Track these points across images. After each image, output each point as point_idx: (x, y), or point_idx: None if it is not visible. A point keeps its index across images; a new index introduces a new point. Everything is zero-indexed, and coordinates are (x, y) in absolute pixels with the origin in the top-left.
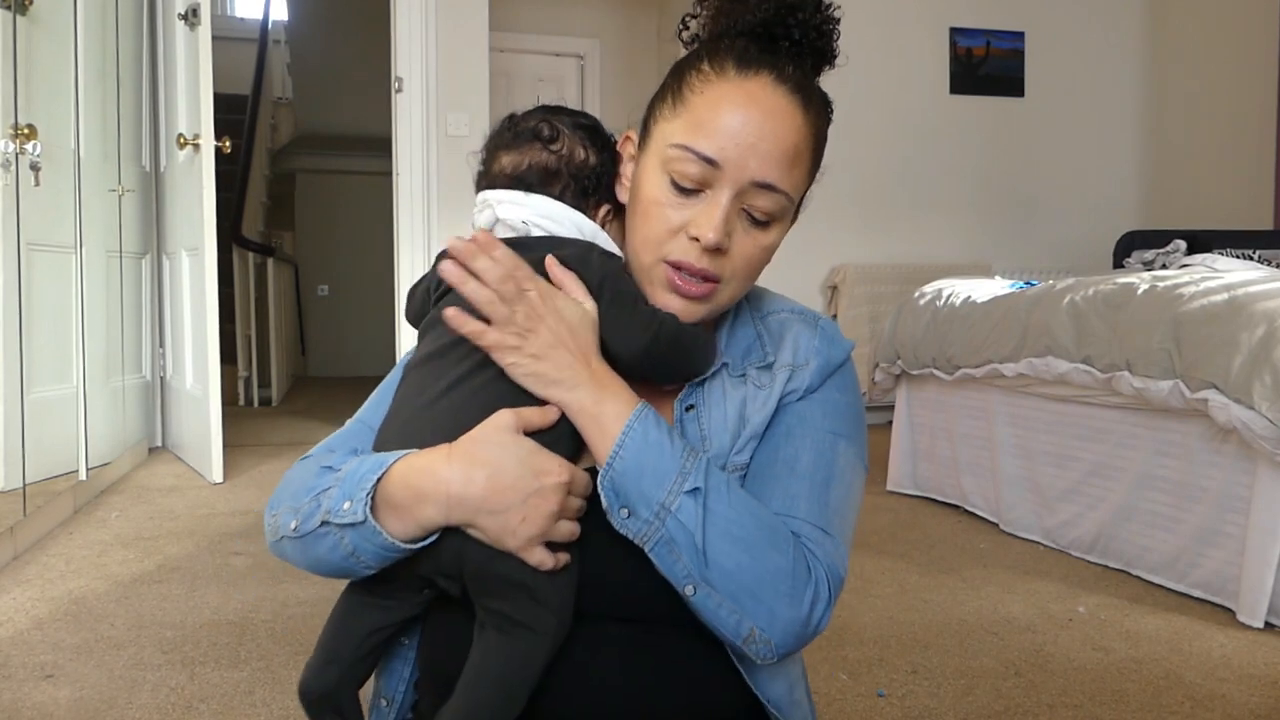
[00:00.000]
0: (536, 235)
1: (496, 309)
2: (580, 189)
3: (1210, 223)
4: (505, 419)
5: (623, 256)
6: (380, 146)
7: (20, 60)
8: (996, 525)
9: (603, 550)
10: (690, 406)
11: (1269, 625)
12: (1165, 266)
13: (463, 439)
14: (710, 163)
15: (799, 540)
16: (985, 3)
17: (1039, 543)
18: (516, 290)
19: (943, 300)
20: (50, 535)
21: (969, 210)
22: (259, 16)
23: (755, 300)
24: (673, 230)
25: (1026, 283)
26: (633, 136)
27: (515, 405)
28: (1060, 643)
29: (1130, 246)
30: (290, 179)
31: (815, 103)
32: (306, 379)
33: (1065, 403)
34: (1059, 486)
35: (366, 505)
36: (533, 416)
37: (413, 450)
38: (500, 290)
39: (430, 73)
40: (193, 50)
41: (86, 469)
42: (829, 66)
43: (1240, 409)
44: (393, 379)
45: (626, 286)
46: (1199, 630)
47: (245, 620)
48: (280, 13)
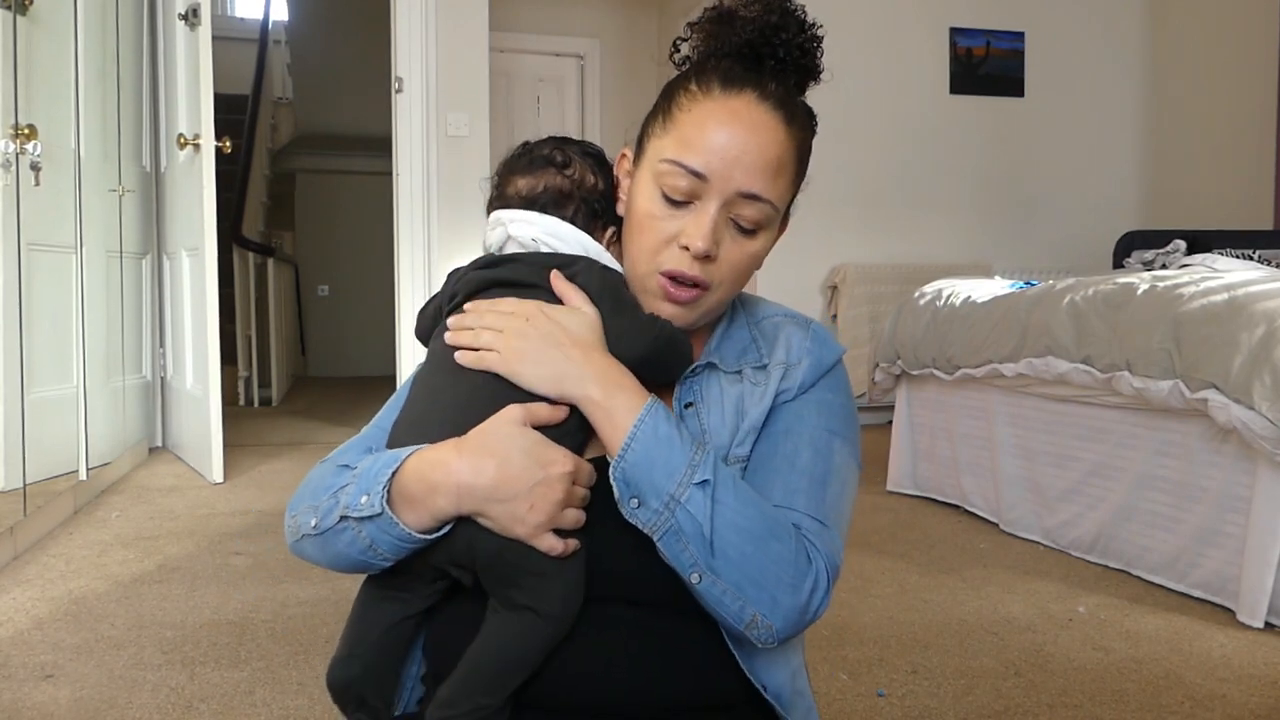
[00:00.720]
0: (545, 252)
1: (485, 338)
2: (590, 211)
3: (1210, 223)
4: (513, 412)
5: (623, 271)
6: (380, 146)
7: (20, 60)
8: (996, 525)
9: (610, 538)
10: (689, 404)
11: (1269, 625)
12: (1165, 266)
13: (472, 432)
14: (698, 176)
15: (799, 531)
16: (985, 3)
17: (1039, 543)
18: (499, 316)
19: (943, 300)
20: (50, 535)
21: (969, 210)
22: (259, 16)
23: (749, 306)
24: (665, 240)
25: (1026, 283)
26: (628, 154)
27: (522, 400)
28: (1060, 643)
29: (1130, 246)
30: (290, 179)
31: (799, 118)
32: (306, 379)
33: (1065, 403)
34: (1059, 486)
35: (383, 498)
36: (541, 412)
37: (425, 445)
38: (485, 324)
39: (430, 73)
40: (193, 50)
41: (87, 469)
42: (815, 82)
43: (1240, 409)
44: (406, 386)
45: (625, 296)
46: (1199, 630)
47: (245, 620)
48: (280, 13)
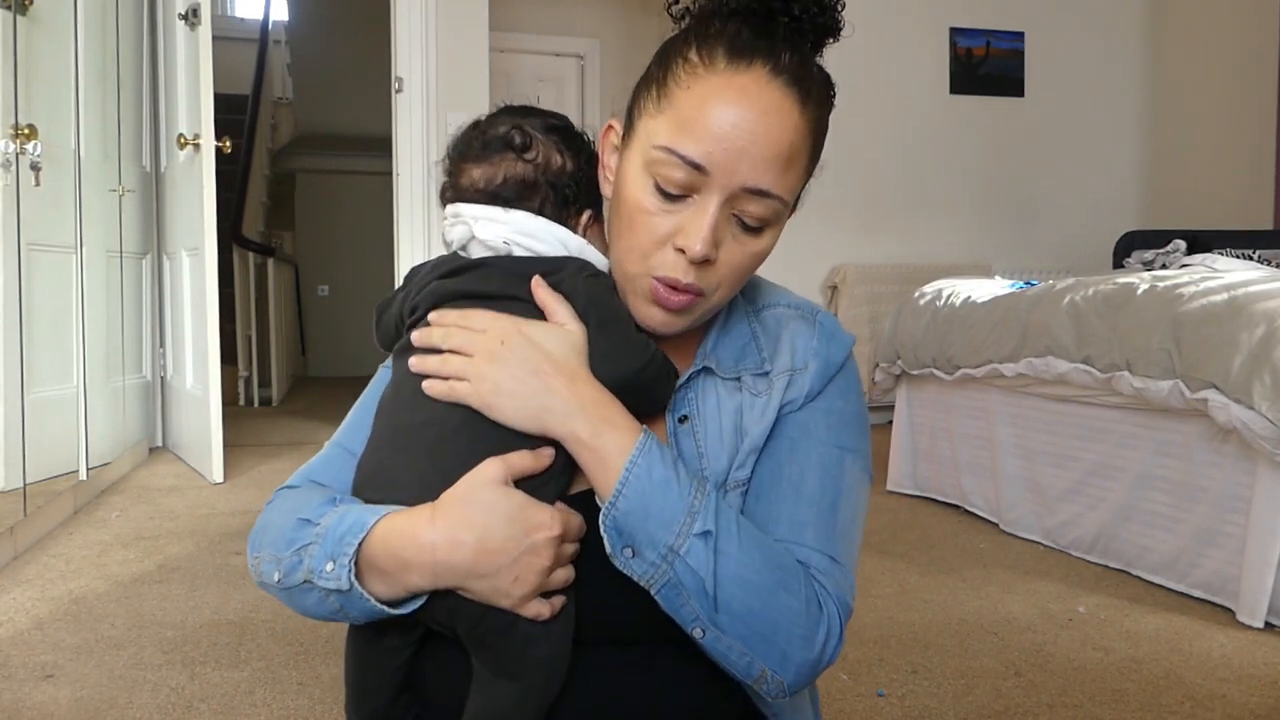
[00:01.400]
0: (519, 255)
1: (454, 364)
2: (560, 199)
3: (1210, 223)
4: (491, 471)
5: (603, 265)
6: (380, 146)
7: (20, 60)
8: (996, 525)
9: (597, 578)
10: (684, 418)
11: (1269, 625)
12: (1165, 266)
13: (447, 496)
14: (697, 168)
15: (809, 573)
16: (985, 3)
17: (1039, 543)
18: (469, 336)
19: (943, 300)
20: (50, 535)
21: (969, 210)
22: (259, 16)
23: (750, 292)
24: (658, 241)
25: (1026, 283)
26: (616, 126)
27: (500, 445)
28: (1060, 643)
29: (1130, 246)
30: (290, 179)
31: (815, 92)
32: (306, 379)
33: (1065, 403)
34: (1059, 486)
35: (350, 571)
36: (523, 462)
37: (395, 507)
38: (454, 344)
39: (430, 73)
40: (193, 50)
41: (87, 469)
42: (833, 40)
43: (1240, 409)
44: (370, 397)
45: (616, 309)
46: (1199, 630)
47: (245, 620)
48: (280, 13)
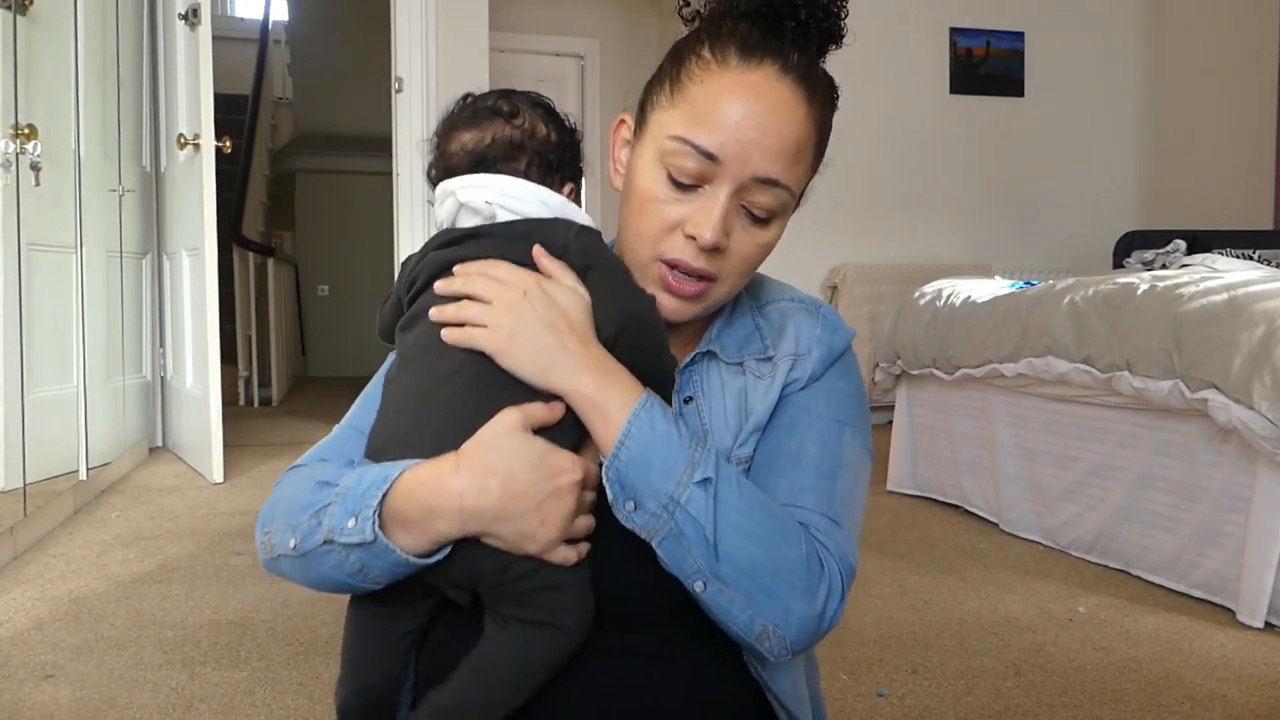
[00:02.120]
0: (504, 219)
1: (472, 311)
2: (544, 164)
3: (1210, 223)
4: (511, 419)
5: (597, 229)
6: (380, 146)
7: (20, 60)
8: (996, 525)
9: (599, 551)
10: (689, 399)
11: (1269, 625)
12: (1165, 266)
13: (469, 444)
14: (710, 157)
15: (809, 532)
16: (985, 3)
17: (1039, 543)
18: (491, 284)
19: (943, 300)
20: (50, 535)
21: (969, 210)
22: (259, 16)
23: (753, 289)
24: (669, 227)
25: (1026, 283)
26: (628, 120)
27: (513, 400)
28: (1060, 643)
29: (1130, 246)
30: (290, 179)
31: (820, 92)
32: (306, 379)
33: (1065, 403)
34: (1059, 486)
35: (374, 523)
36: (539, 412)
37: (417, 461)
38: (473, 291)
39: (430, 73)
40: (193, 50)
41: (87, 469)
42: (836, 46)
43: (1240, 409)
44: (378, 381)
45: (610, 257)
46: (1199, 630)
47: (245, 620)
48: (280, 13)
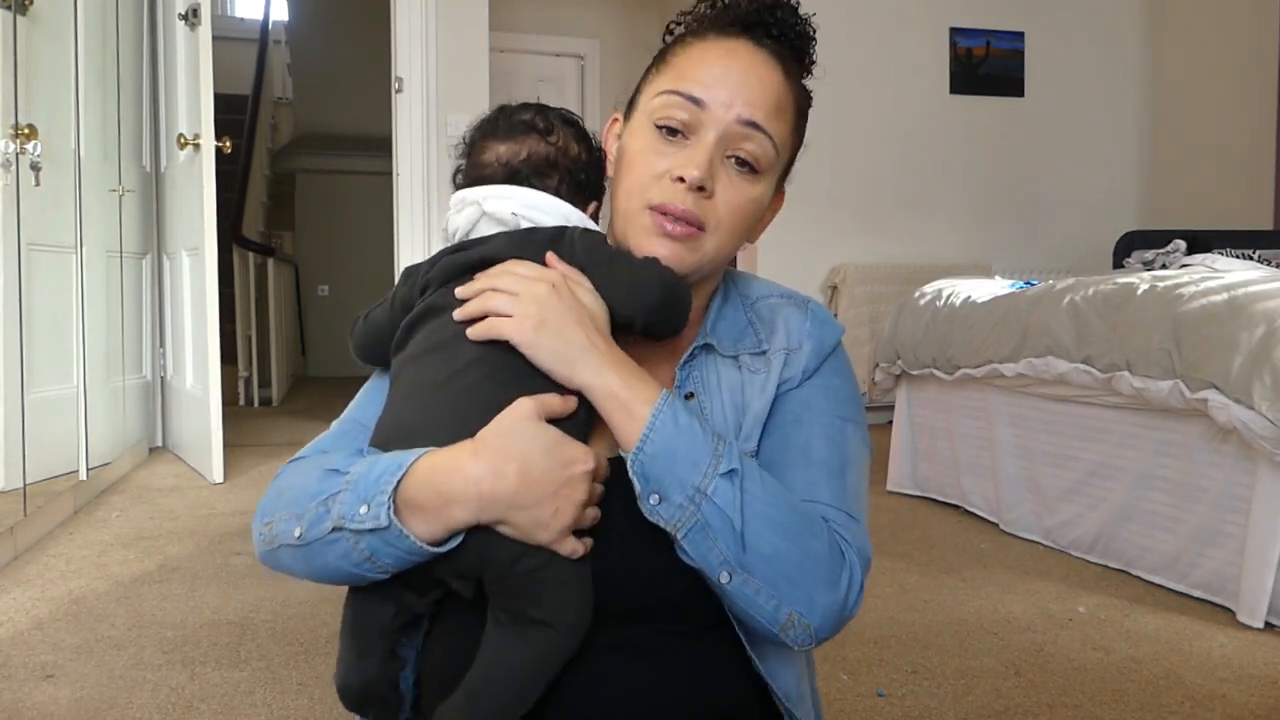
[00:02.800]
0: (526, 227)
1: (497, 301)
2: (574, 183)
3: (1210, 223)
4: (527, 407)
5: (603, 232)
6: (380, 146)
7: (20, 60)
8: (996, 525)
9: (604, 544)
10: (690, 395)
11: (1269, 625)
12: (1165, 266)
13: (485, 432)
14: (696, 102)
15: (829, 525)
16: (985, 3)
17: (1039, 543)
18: (517, 279)
19: (943, 300)
20: (50, 535)
21: (969, 210)
22: (259, 16)
23: (743, 285)
24: (657, 175)
25: (1026, 283)
26: (619, 118)
27: (526, 393)
28: (1060, 643)
29: (1130, 246)
30: (290, 179)
31: (794, 74)
32: (306, 379)
33: (1065, 403)
34: (1059, 486)
35: (389, 509)
36: (554, 403)
37: (430, 449)
38: (498, 285)
39: (430, 73)
40: (193, 50)
41: (87, 469)
42: (807, 74)
43: (1240, 409)
44: (380, 379)
45: (615, 252)
46: (1199, 630)
47: (245, 620)
48: (280, 13)
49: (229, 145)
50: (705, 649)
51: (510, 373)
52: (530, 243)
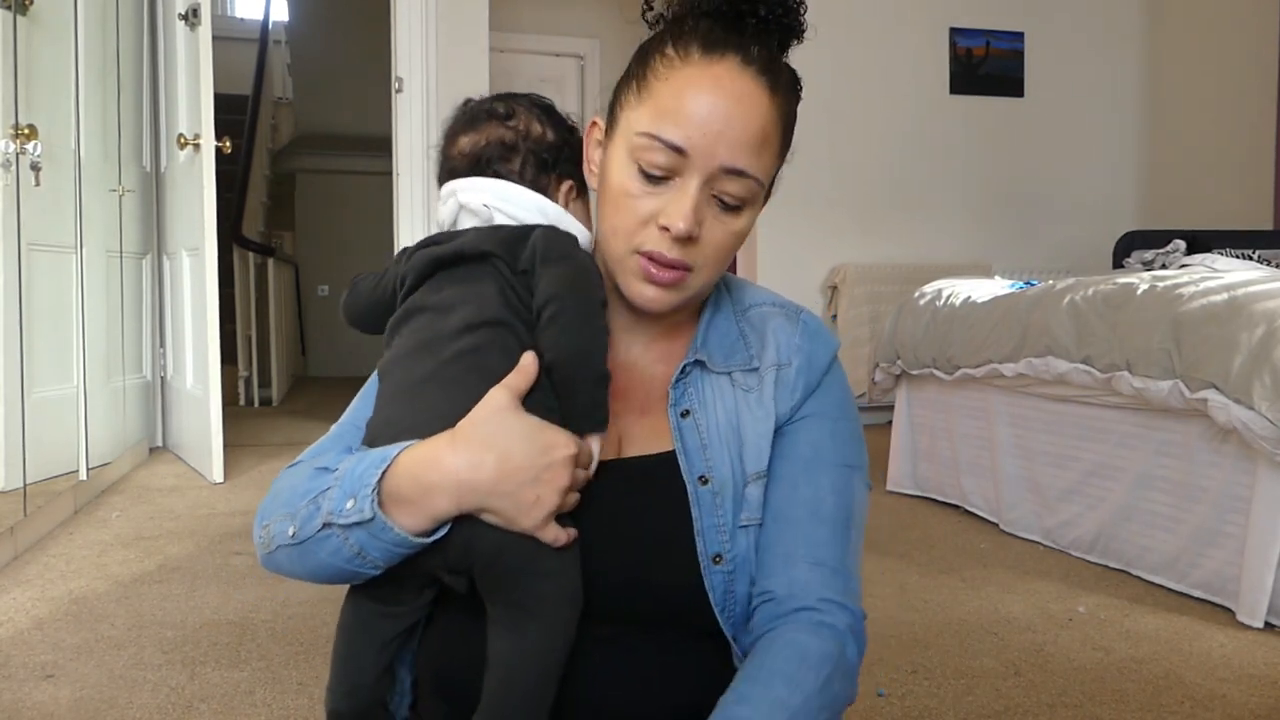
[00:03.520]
0: (500, 221)
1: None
2: (539, 163)
3: (1210, 223)
4: (500, 397)
5: (583, 235)
6: (380, 146)
7: (20, 60)
8: (996, 525)
9: (597, 547)
10: (686, 412)
11: (1269, 625)
12: (1165, 266)
13: (463, 423)
14: (678, 151)
15: (831, 631)
16: (985, 3)
17: (1039, 543)
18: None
19: (943, 300)
20: (50, 535)
21: (969, 210)
22: (259, 16)
23: (735, 293)
24: (643, 221)
25: (1026, 283)
26: (599, 122)
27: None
28: (1060, 643)
29: (1130, 246)
30: (290, 179)
31: (783, 83)
32: (306, 379)
33: (1065, 403)
34: (1059, 486)
35: (374, 502)
36: (517, 380)
37: (413, 441)
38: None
39: (430, 73)
40: (193, 50)
41: (87, 469)
42: (797, 41)
43: (1240, 409)
44: (374, 381)
45: (570, 257)
46: (1199, 630)
47: (245, 620)
48: (280, 13)
49: (229, 145)
50: (699, 651)
51: (492, 364)
52: (499, 237)
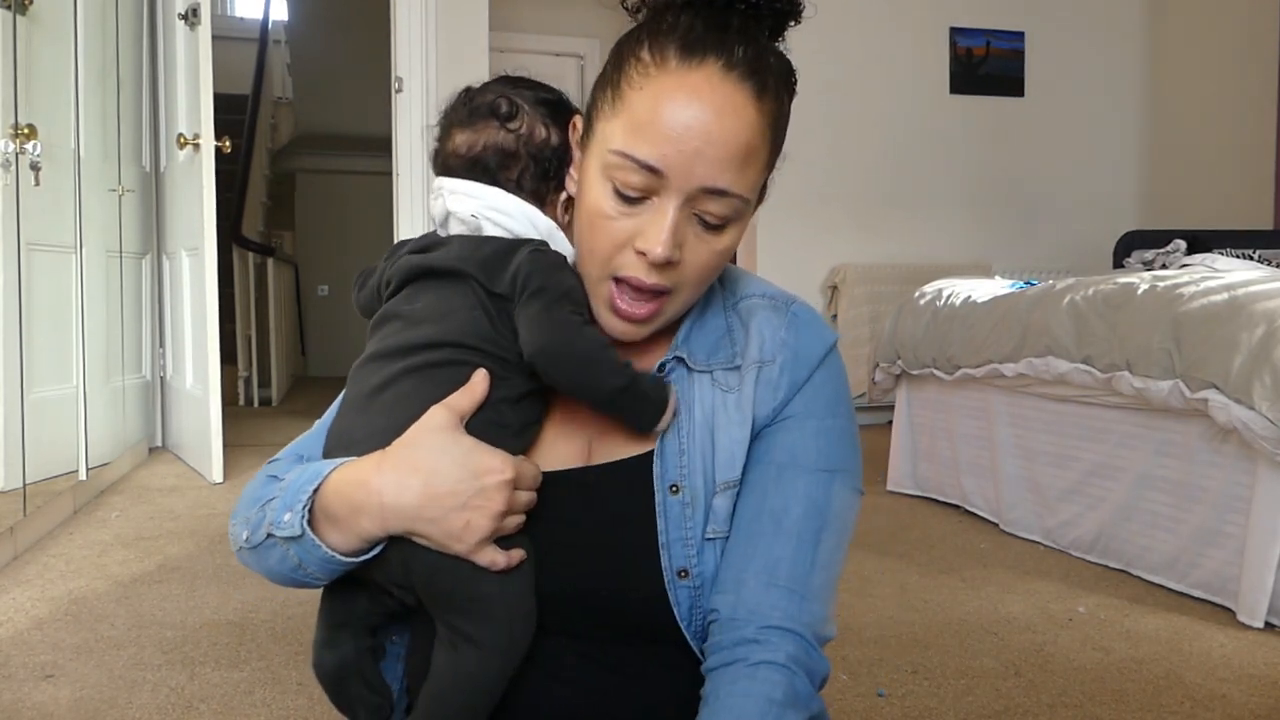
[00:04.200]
0: (490, 232)
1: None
2: (540, 171)
3: (1210, 223)
4: (438, 417)
5: (572, 253)
6: (380, 146)
7: (20, 60)
8: (996, 525)
9: (557, 561)
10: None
11: (1269, 625)
12: (1165, 266)
13: (395, 444)
14: (653, 171)
15: (769, 670)
16: (985, 3)
17: (1039, 543)
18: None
19: (943, 300)
20: (50, 535)
21: (969, 210)
22: (259, 16)
23: (730, 284)
24: (618, 244)
25: (1026, 283)
26: (578, 125)
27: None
28: (1060, 643)
29: (1130, 246)
30: (290, 179)
31: (772, 83)
32: (306, 379)
33: (1065, 403)
34: (1059, 486)
35: (304, 518)
36: (461, 400)
37: (349, 459)
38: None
39: (430, 73)
40: (193, 50)
41: (86, 469)
42: (795, 22)
43: (1240, 409)
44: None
45: (555, 281)
46: (1199, 630)
47: (245, 620)
48: (280, 13)
49: (229, 145)
50: (664, 663)
51: (441, 380)
52: (480, 257)
